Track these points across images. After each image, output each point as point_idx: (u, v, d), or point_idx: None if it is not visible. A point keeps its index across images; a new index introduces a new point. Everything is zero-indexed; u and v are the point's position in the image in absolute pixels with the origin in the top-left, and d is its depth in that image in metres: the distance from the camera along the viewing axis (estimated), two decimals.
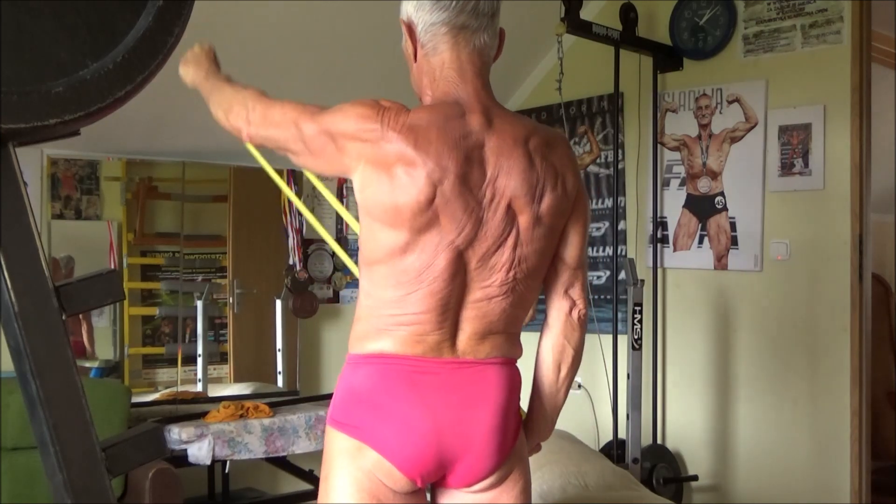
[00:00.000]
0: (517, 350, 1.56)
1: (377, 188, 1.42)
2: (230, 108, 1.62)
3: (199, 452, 3.11)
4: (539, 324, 1.64)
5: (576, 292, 1.59)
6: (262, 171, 4.35)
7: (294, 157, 1.54)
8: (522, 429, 1.59)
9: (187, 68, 1.76)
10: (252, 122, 1.57)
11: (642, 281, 3.53)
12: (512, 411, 1.52)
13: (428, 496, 1.59)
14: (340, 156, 1.46)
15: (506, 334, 1.52)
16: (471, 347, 1.48)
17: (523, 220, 1.46)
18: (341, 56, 3.63)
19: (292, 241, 4.01)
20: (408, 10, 1.54)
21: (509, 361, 1.54)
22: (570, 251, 1.57)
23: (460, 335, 1.48)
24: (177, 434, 3.09)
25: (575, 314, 1.59)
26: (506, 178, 1.44)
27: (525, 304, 1.54)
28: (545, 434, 1.67)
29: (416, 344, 1.45)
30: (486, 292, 1.47)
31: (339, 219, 4.24)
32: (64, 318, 0.99)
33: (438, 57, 1.52)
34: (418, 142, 1.40)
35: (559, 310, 1.59)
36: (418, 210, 1.40)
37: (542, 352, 1.62)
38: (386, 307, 1.47)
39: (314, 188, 4.17)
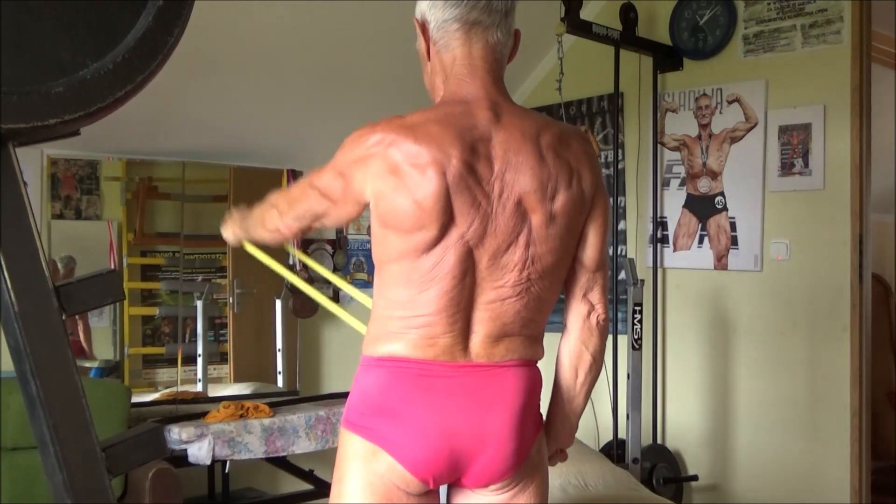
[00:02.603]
0: (536, 352, 1.53)
1: (392, 195, 1.41)
2: (264, 220, 1.72)
3: (199, 452, 3.11)
4: (559, 325, 1.61)
5: (595, 296, 1.56)
6: (262, 171, 4.33)
7: (325, 219, 1.59)
8: (542, 431, 1.57)
9: (228, 231, 1.89)
10: (283, 213, 1.65)
11: (642, 281, 3.53)
12: (530, 413, 1.50)
13: (443, 497, 1.59)
14: (351, 186, 1.47)
15: (522, 337, 1.49)
16: (485, 350, 1.46)
17: (536, 218, 1.44)
18: (343, 57, 3.63)
19: (292, 241, 4.01)
20: (422, 9, 1.54)
21: (527, 363, 1.51)
22: (588, 252, 1.54)
23: (473, 337, 1.46)
24: (177, 434, 3.09)
25: (593, 319, 1.56)
26: (514, 173, 1.42)
27: (543, 307, 1.51)
28: (566, 440, 1.65)
29: (428, 347, 1.44)
30: (499, 293, 1.45)
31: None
32: (64, 318, 0.99)
33: (450, 53, 1.51)
34: (418, 136, 1.40)
35: (577, 314, 1.57)
36: (438, 198, 1.39)
37: (560, 356, 1.60)
38: (397, 308, 1.46)
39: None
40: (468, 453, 1.45)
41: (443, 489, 1.57)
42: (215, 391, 3.85)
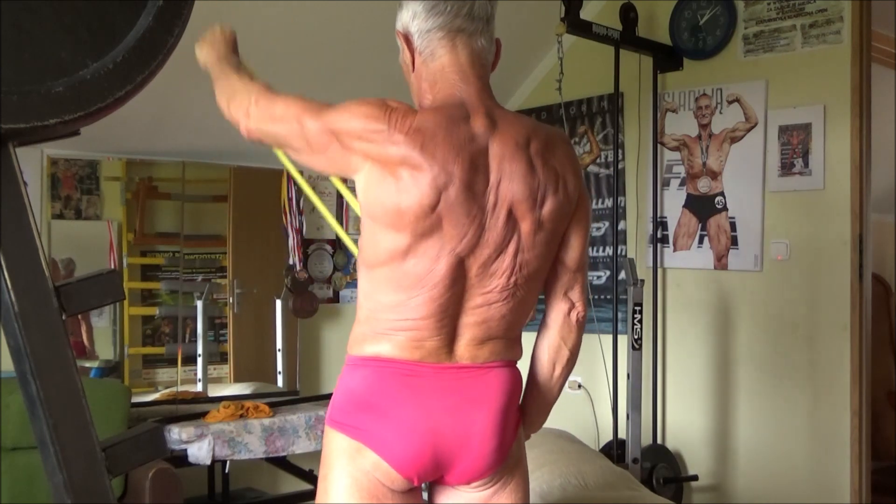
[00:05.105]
0: (516, 353, 1.56)
1: (380, 190, 1.41)
2: (232, 98, 1.57)
3: (199, 452, 3.11)
4: (538, 323, 1.64)
5: (575, 294, 1.59)
6: (262, 171, 4.33)
7: (294, 153, 1.52)
8: (521, 429, 1.60)
9: (202, 48, 1.69)
10: (252, 115, 1.52)
11: (642, 281, 3.52)
12: (511, 412, 1.53)
13: (425, 495, 1.60)
14: (346, 154, 1.43)
15: (505, 339, 1.52)
16: (469, 353, 1.48)
17: (525, 226, 1.45)
18: (343, 57, 3.63)
19: (292, 240, 4.01)
20: (403, 20, 1.54)
21: (509, 364, 1.54)
22: (571, 254, 1.56)
23: (459, 341, 1.48)
24: (177, 434, 3.09)
25: (573, 316, 1.59)
26: (508, 182, 1.43)
27: (525, 309, 1.54)
28: (536, 427, 1.69)
29: (415, 349, 1.46)
30: (486, 298, 1.47)
31: (340, 212, 4.23)
32: (64, 318, 0.99)
33: (438, 62, 1.51)
34: (425, 145, 1.38)
35: (558, 311, 1.59)
36: (421, 214, 1.39)
37: (537, 350, 1.62)
38: (385, 311, 1.47)
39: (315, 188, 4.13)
40: (452, 451, 1.47)
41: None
42: (215, 391, 3.85)
